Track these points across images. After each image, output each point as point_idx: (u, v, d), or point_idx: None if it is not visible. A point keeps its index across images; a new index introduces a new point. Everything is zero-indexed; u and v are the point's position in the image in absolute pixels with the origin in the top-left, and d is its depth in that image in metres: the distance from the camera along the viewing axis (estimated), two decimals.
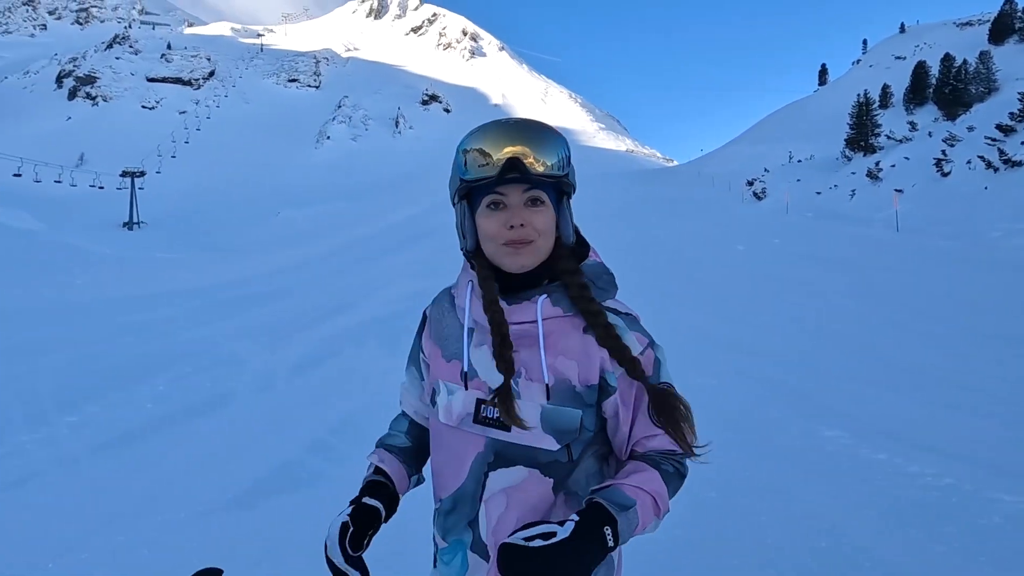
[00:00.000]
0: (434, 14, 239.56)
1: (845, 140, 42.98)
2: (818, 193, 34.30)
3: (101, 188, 55.02)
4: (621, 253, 15.79)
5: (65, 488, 4.13)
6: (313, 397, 6.29)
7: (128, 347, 9.28)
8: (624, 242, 16.90)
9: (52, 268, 22.72)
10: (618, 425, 1.20)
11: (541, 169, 1.15)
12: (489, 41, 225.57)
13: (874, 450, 4.28)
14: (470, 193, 1.22)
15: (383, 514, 1.27)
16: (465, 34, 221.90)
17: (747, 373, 6.42)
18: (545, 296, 1.19)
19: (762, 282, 12.24)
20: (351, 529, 1.20)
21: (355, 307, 11.61)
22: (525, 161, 1.14)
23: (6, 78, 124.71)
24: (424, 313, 1.40)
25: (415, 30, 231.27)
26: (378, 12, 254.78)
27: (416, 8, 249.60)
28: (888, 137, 40.72)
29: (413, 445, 1.43)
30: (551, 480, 1.18)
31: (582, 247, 1.29)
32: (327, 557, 1.18)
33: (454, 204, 1.26)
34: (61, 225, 40.54)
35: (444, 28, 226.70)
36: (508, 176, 1.14)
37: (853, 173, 35.73)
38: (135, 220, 48.71)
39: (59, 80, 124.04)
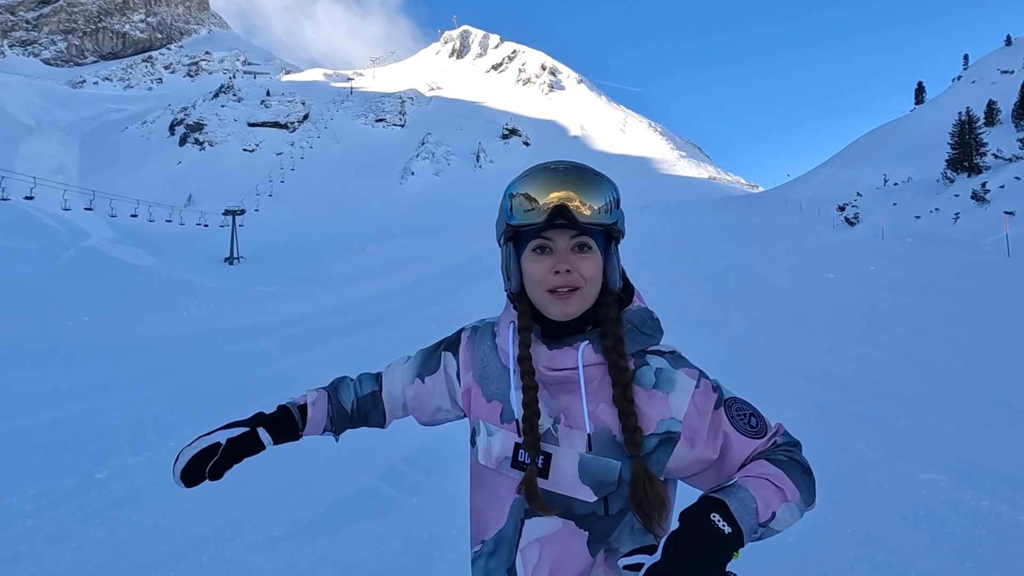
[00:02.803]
0: (514, 51, 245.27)
1: (946, 160, 40.37)
2: (917, 217, 32.32)
3: (206, 226, 59.19)
4: (701, 281, 15.44)
5: (160, 509, 4.41)
6: (390, 426, 6.44)
7: (225, 376, 9.84)
8: (705, 270, 16.50)
9: (163, 301, 24.51)
10: (711, 464, 1.14)
11: (588, 214, 1.13)
12: (568, 75, 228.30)
13: (976, 495, 3.93)
14: (517, 235, 1.21)
15: (262, 450, 1.34)
16: (544, 69, 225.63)
17: (835, 408, 6.08)
18: (587, 343, 1.17)
19: (854, 310, 11.60)
20: (216, 458, 1.26)
21: (435, 336, 11.78)
22: (572, 207, 1.12)
23: (127, 128, 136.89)
24: (461, 332, 1.42)
25: (495, 67, 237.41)
26: (460, 52, 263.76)
27: (496, 46, 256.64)
28: (995, 156, 37.95)
29: (353, 411, 1.49)
30: (585, 533, 1.14)
31: (627, 290, 1.27)
32: (181, 460, 1.25)
33: (500, 246, 1.25)
34: (171, 261, 43.63)
35: (524, 64, 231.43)
36: (555, 222, 1.14)
37: (956, 195, 33.46)
38: (235, 255, 51.79)
39: (172, 128, 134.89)
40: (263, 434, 1.34)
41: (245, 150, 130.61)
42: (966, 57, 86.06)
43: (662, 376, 1.16)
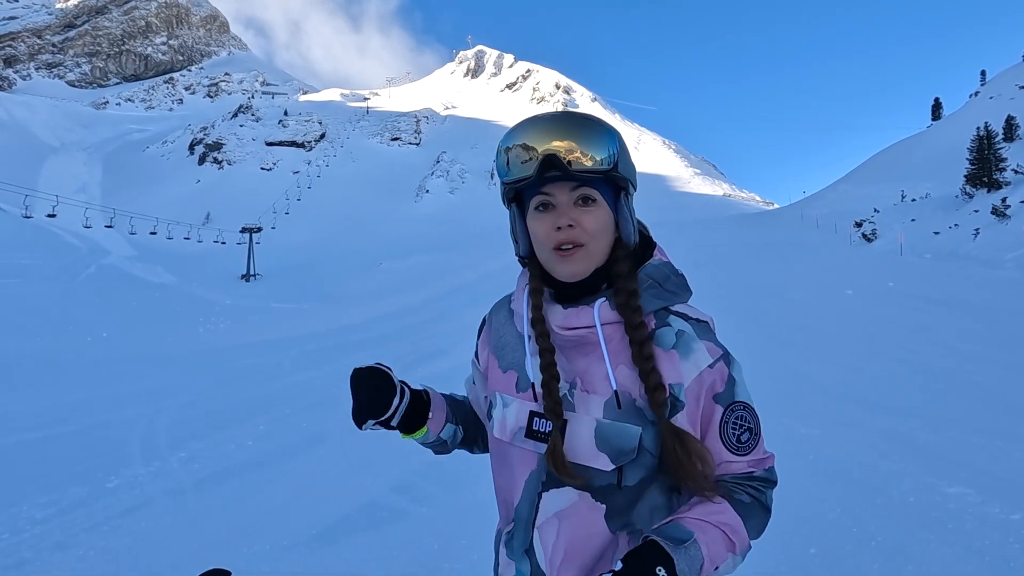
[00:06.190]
0: (528, 70, 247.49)
1: (965, 176, 39.89)
2: (936, 233, 31.90)
3: (223, 243, 60.03)
4: (718, 299, 15.28)
5: (169, 518, 4.38)
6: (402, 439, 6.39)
7: (238, 390, 9.86)
8: (722, 286, 16.35)
9: (181, 318, 24.75)
10: None
11: (588, 164, 1.05)
12: (582, 93, 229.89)
13: (1007, 508, 3.79)
14: (520, 195, 1.15)
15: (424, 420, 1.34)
16: (558, 87, 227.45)
17: (857, 423, 5.93)
18: (603, 300, 1.09)
19: (874, 326, 11.40)
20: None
21: (448, 353, 11.79)
22: (564, 156, 1.04)
23: (147, 148, 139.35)
24: (484, 318, 1.34)
25: (510, 86, 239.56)
26: (475, 72, 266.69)
27: (511, 66, 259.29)
28: (1015, 171, 37.48)
29: (466, 404, 1.43)
30: (603, 507, 1.07)
31: (648, 247, 1.18)
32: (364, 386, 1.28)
33: (507, 208, 1.20)
34: (189, 278, 44.13)
35: (538, 83, 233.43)
36: (549, 174, 1.06)
37: (976, 211, 33.04)
38: (251, 272, 52.25)
39: (191, 147, 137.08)
40: (431, 395, 1.37)
41: (263, 169, 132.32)
42: (983, 73, 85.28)
43: (682, 339, 1.08)
